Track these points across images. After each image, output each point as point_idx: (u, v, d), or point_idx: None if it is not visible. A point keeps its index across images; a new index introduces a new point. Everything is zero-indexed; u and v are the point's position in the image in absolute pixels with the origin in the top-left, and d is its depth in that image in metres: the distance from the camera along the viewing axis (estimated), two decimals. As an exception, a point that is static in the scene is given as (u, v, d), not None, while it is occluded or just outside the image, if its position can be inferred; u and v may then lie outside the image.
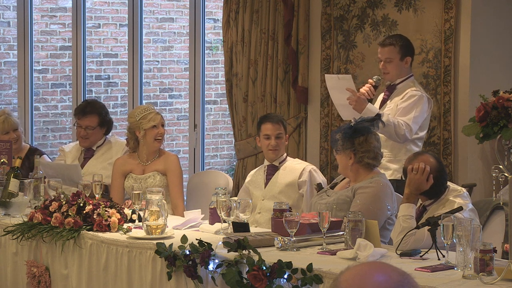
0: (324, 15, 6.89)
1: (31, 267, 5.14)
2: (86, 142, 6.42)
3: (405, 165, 4.77)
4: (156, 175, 5.78)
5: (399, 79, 5.87)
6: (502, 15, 6.36)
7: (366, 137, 5.00)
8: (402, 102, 5.76)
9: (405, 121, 5.67)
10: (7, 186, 5.60)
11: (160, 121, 5.82)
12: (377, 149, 5.02)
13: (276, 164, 5.71)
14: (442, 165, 4.72)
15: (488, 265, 3.77)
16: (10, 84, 9.82)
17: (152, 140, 5.81)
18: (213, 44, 10.35)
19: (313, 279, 3.93)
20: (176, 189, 5.78)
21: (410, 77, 5.89)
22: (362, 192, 4.90)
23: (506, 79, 6.12)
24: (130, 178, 5.85)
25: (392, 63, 5.83)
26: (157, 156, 5.87)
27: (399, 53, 5.83)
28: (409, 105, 5.73)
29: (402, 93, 5.80)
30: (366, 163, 4.98)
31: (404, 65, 5.85)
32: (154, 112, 5.83)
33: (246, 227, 4.73)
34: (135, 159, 5.89)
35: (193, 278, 4.38)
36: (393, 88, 5.90)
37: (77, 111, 6.49)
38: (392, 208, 4.94)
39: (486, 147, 6.12)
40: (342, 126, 5.23)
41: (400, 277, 1.94)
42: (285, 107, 7.04)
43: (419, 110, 5.74)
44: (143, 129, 5.79)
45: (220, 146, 10.54)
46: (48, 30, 9.98)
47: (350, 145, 4.99)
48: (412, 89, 5.79)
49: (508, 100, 3.83)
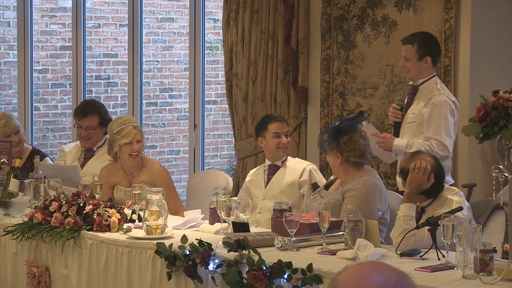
0: (324, 15, 6.89)
1: (31, 267, 5.14)
2: (88, 143, 6.39)
3: (402, 165, 4.76)
4: (145, 186, 5.54)
5: (421, 80, 5.59)
6: (502, 15, 6.36)
7: (350, 136, 4.99)
8: (427, 112, 5.48)
9: (436, 140, 5.42)
10: (7, 186, 5.60)
11: (135, 137, 5.60)
12: (363, 147, 5.01)
13: (278, 163, 5.71)
14: (440, 163, 4.74)
15: (488, 265, 3.77)
16: (10, 84, 9.82)
17: (127, 156, 5.64)
18: (213, 44, 10.35)
19: (313, 279, 3.93)
20: (172, 199, 5.58)
21: (433, 77, 5.60)
22: (350, 195, 4.89)
23: (506, 79, 6.12)
24: (119, 191, 5.73)
25: (410, 62, 5.57)
26: (140, 167, 5.71)
27: (417, 53, 5.54)
28: (436, 116, 5.46)
29: (426, 96, 5.53)
30: (353, 162, 4.98)
31: (424, 65, 5.55)
32: (131, 127, 5.61)
33: (246, 227, 4.73)
34: (119, 170, 5.74)
35: (193, 278, 4.38)
36: (415, 90, 5.63)
37: (77, 112, 6.46)
38: (382, 207, 4.93)
39: (486, 147, 6.12)
40: (328, 127, 5.23)
41: (398, 277, 1.94)
42: (285, 107, 7.04)
43: (447, 120, 5.47)
44: (118, 144, 5.64)
45: (220, 146, 10.54)
46: (48, 30, 9.98)
47: (336, 145, 4.99)
48: (436, 95, 5.50)
49: (508, 100, 3.83)
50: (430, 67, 5.58)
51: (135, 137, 5.61)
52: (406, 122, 5.64)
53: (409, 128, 5.60)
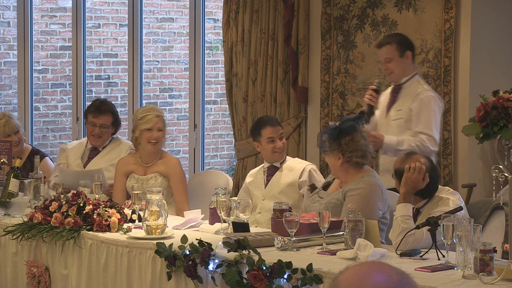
0: (324, 15, 6.89)
1: (31, 267, 5.14)
2: (98, 141, 6.35)
3: (396, 165, 4.76)
4: (158, 177, 5.77)
5: (405, 78, 5.70)
6: (502, 15, 6.36)
7: (352, 136, 4.99)
8: (415, 107, 5.57)
9: (426, 135, 5.51)
10: (7, 186, 5.60)
11: (156, 125, 5.75)
12: (364, 147, 5.01)
13: (277, 165, 5.70)
14: (434, 164, 4.76)
15: (488, 265, 3.77)
16: (10, 84, 9.83)
17: (146, 142, 5.77)
18: (213, 44, 10.35)
19: (313, 279, 3.93)
20: (181, 194, 5.75)
21: (415, 75, 5.73)
22: (352, 194, 4.89)
23: (506, 79, 6.12)
24: (132, 178, 5.84)
25: (393, 62, 5.68)
26: (158, 158, 5.85)
27: (398, 50, 5.67)
28: (425, 111, 5.55)
29: (411, 93, 5.64)
30: (355, 162, 4.98)
31: (406, 61, 5.68)
32: (153, 115, 5.78)
33: (246, 227, 4.73)
34: (137, 159, 5.88)
35: (193, 278, 4.38)
36: (399, 89, 5.73)
37: (92, 109, 6.37)
38: (383, 208, 4.93)
39: (486, 147, 6.12)
40: (327, 127, 5.22)
41: (399, 277, 1.94)
42: (285, 107, 7.04)
43: (437, 115, 5.58)
44: (139, 129, 5.78)
45: (220, 146, 10.54)
46: (48, 30, 9.98)
47: (337, 146, 4.98)
48: (422, 90, 5.62)
49: (508, 100, 3.83)
50: (411, 62, 5.73)
51: (156, 125, 5.75)
52: (391, 120, 5.70)
53: (395, 126, 5.64)
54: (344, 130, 4.99)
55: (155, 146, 5.78)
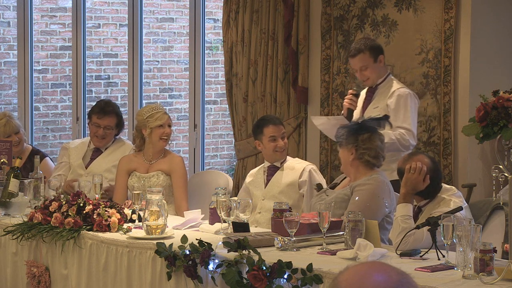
0: (324, 15, 6.89)
1: (31, 267, 5.14)
2: (102, 142, 6.34)
3: (399, 165, 4.76)
4: (160, 175, 5.79)
5: (380, 79, 5.81)
6: (502, 15, 6.36)
7: (370, 135, 4.99)
8: (392, 102, 5.67)
9: (405, 129, 5.59)
10: (7, 186, 5.60)
11: (166, 121, 5.85)
12: (379, 149, 5.00)
13: (277, 164, 5.71)
14: (437, 165, 4.74)
15: (488, 265, 3.77)
16: (10, 84, 9.83)
17: (158, 139, 5.83)
18: (213, 44, 10.35)
19: (313, 279, 3.93)
20: (181, 191, 5.77)
21: (389, 75, 5.85)
22: (360, 189, 4.89)
23: (506, 79, 6.12)
24: (133, 176, 5.85)
25: (368, 69, 5.77)
26: (162, 156, 5.87)
27: (371, 57, 5.76)
28: (403, 106, 5.65)
29: (387, 92, 5.74)
30: (366, 161, 4.97)
31: (380, 65, 5.79)
32: (162, 112, 5.85)
33: (246, 227, 4.73)
34: (140, 157, 5.90)
35: (193, 278, 4.38)
36: (374, 89, 5.83)
37: (96, 110, 6.33)
38: (390, 205, 4.93)
39: (486, 147, 6.12)
40: (351, 122, 5.27)
41: (399, 277, 1.94)
42: (285, 107, 7.04)
43: (413, 110, 5.69)
44: (149, 127, 5.81)
45: (220, 146, 10.55)
46: (48, 30, 9.98)
47: (353, 140, 4.99)
48: (398, 87, 5.73)
49: (508, 100, 3.83)
50: (384, 64, 5.84)
51: (167, 121, 5.86)
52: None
53: None
54: (365, 127, 5.00)
55: (166, 142, 5.87)
